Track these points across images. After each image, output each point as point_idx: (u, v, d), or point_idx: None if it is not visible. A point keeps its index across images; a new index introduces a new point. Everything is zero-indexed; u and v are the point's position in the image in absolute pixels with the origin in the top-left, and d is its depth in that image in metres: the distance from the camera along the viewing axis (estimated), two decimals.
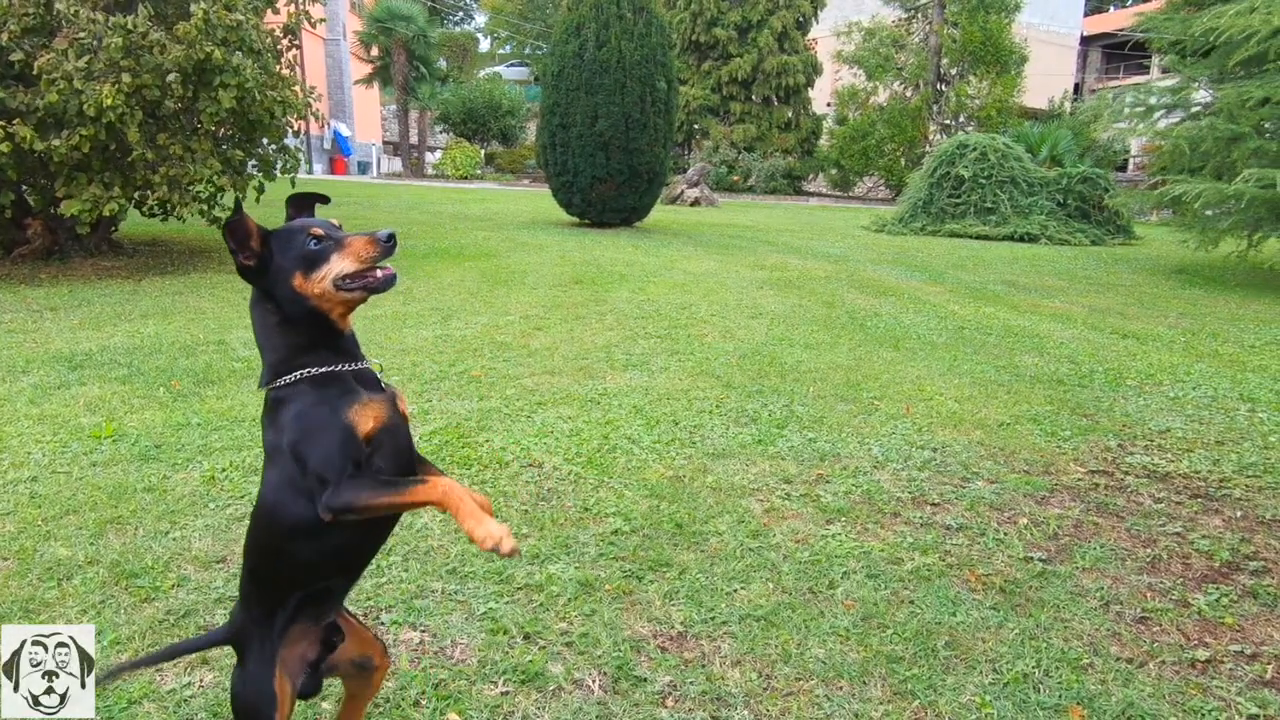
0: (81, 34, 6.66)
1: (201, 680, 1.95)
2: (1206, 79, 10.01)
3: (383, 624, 2.20)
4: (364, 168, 28.01)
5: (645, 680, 2.00)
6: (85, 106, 6.64)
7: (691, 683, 1.99)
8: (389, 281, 1.33)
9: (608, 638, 2.15)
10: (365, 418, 1.30)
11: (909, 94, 26.41)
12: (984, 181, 14.66)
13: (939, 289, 8.45)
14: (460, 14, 48.08)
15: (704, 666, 2.06)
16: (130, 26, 6.76)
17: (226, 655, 1.94)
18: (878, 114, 25.83)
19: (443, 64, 30.78)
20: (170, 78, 6.91)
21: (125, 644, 2.06)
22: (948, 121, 26.03)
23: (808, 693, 1.98)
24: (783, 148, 27.02)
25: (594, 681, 1.99)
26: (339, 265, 1.30)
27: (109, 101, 6.62)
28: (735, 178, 26.22)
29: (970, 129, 24.41)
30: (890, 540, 2.76)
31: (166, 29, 7.16)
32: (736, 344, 5.53)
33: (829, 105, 29.05)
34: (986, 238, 13.97)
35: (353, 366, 1.36)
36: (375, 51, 27.58)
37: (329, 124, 25.43)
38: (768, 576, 2.49)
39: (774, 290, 7.89)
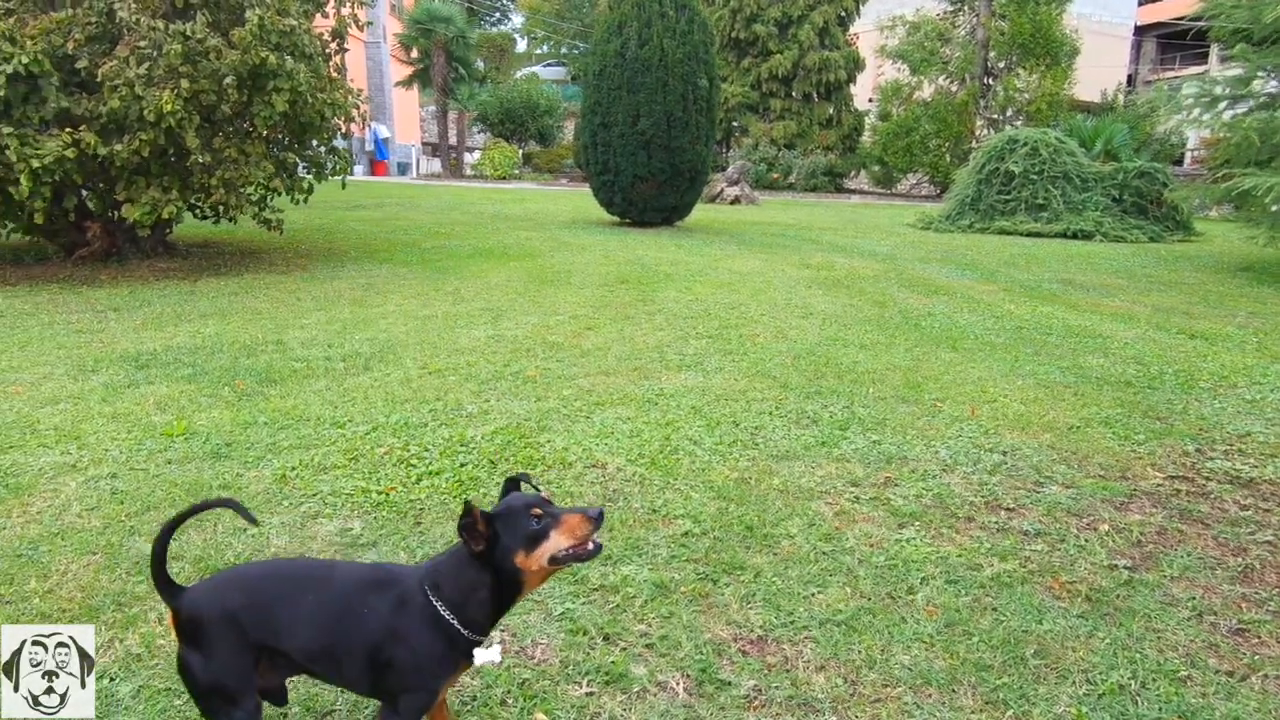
0: (142, 42, 6.86)
1: None
2: (1275, 68, 9.67)
3: None
4: (403, 168, 28.44)
5: (730, 684, 1.99)
6: (145, 112, 6.85)
7: (777, 687, 1.98)
8: (597, 552, 1.48)
9: (688, 640, 2.15)
10: (445, 689, 1.59)
11: (955, 88, 25.98)
12: (1035, 177, 14.35)
13: (992, 288, 8.30)
14: (497, 14, 48.55)
15: (788, 671, 2.05)
16: (189, 33, 6.96)
17: None
18: (922, 109, 25.44)
19: (480, 65, 31.10)
20: (227, 82, 7.09)
21: None
22: (995, 116, 25.55)
23: (895, 699, 1.96)
24: (824, 144, 26.78)
25: (678, 684, 1.99)
26: (556, 542, 1.45)
27: (168, 107, 6.82)
28: (775, 175, 26.05)
29: (1019, 123, 23.93)
30: (967, 545, 2.72)
31: (222, 35, 7.36)
32: (790, 344, 5.49)
33: (871, 101, 28.73)
34: (1038, 235, 13.68)
35: (475, 637, 1.54)
36: (415, 53, 28.00)
37: (370, 126, 25.86)
38: (844, 580, 2.47)
39: (822, 289, 7.83)
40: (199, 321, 5.82)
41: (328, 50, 8.79)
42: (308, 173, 8.96)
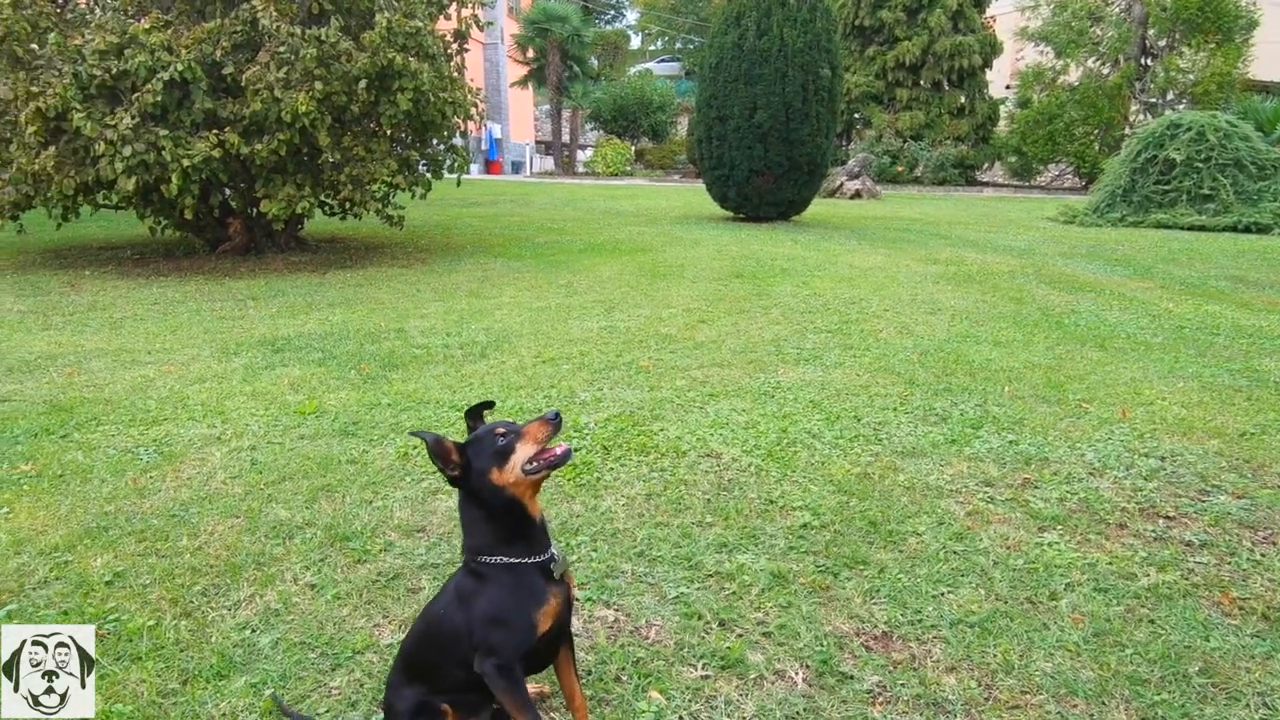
0: (281, 47, 7.43)
1: None
2: None
3: (577, 600, 2.28)
4: (517, 167, 29.43)
5: (852, 678, 1.95)
6: (283, 113, 7.41)
7: (903, 685, 1.92)
8: (565, 457, 1.57)
9: (807, 631, 2.12)
10: (546, 619, 1.58)
11: (1106, 71, 24.30)
12: (1200, 165, 13.21)
13: (1147, 285, 7.71)
14: (612, 12, 49.40)
15: (915, 670, 1.98)
16: (323, 38, 7.48)
17: None
18: (1067, 95, 23.94)
19: (594, 63, 31.74)
20: (360, 84, 7.56)
21: (345, 599, 2.27)
22: (1153, 100, 23.71)
23: (1036, 707, 1.85)
24: (954, 135, 25.65)
25: (797, 674, 1.97)
26: (524, 452, 1.55)
27: (303, 108, 7.35)
28: (900, 168, 25.17)
29: (1182, 107, 22.08)
30: (1118, 553, 2.54)
31: (353, 39, 7.86)
32: (916, 340, 5.30)
33: (1008, 88, 27.30)
34: (1202, 228, 12.59)
35: (539, 558, 1.61)
36: (530, 53, 28.90)
37: (486, 125, 26.90)
38: (978, 582, 2.36)
39: (951, 285, 7.51)
40: (327, 310, 6.23)
41: (449, 50, 9.22)
42: (427, 170, 9.44)
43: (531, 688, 1.88)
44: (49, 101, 6.94)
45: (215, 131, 7.50)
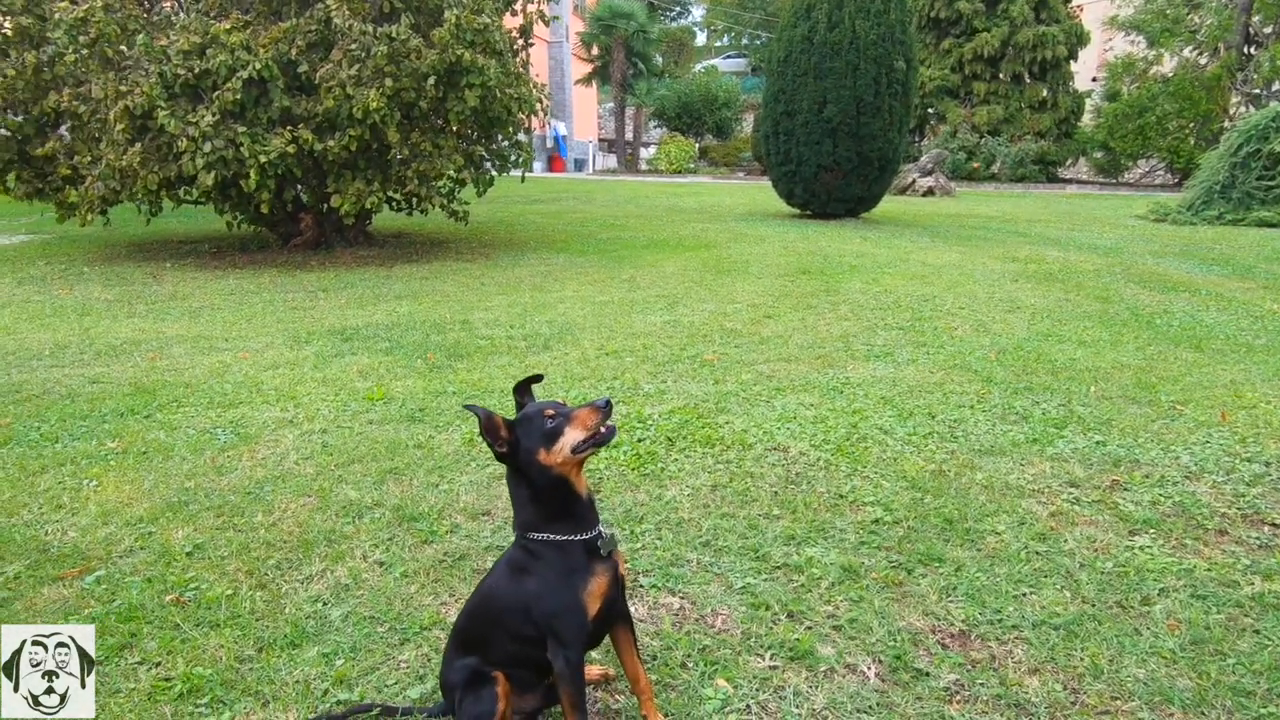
0: (353, 45, 7.66)
1: None
2: None
3: (641, 587, 2.28)
4: (580, 165, 29.70)
5: (927, 674, 1.90)
6: (354, 110, 7.64)
7: (982, 684, 1.86)
8: (611, 434, 1.60)
9: (880, 626, 2.08)
10: (595, 600, 1.61)
11: (1204, 60, 23.17)
12: None
13: (1248, 285, 7.32)
14: (677, 9, 49.44)
15: (995, 670, 1.92)
16: (394, 35, 7.68)
17: None
18: (1160, 86, 22.89)
19: (659, 60, 31.79)
20: (429, 81, 7.74)
21: (413, 578, 2.33)
22: (1256, 91, 22.45)
23: (1128, 714, 1.77)
24: (1035, 130, 24.79)
25: (869, 668, 1.93)
26: (572, 436, 1.58)
27: (374, 104, 7.57)
28: (975, 165, 24.46)
29: None
30: (1219, 560, 2.41)
31: (423, 36, 8.05)
32: (993, 338, 5.15)
33: (1095, 80, 26.29)
34: None
35: (586, 536, 1.63)
36: (595, 50, 29.14)
37: (550, 123, 27.24)
38: (1062, 584, 2.28)
39: (1031, 283, 7.26)
40: (394, 302, 6.40)
41: (515, 46, 9.36)
42: (492, 166, 9.61)
43: (596, 670, 1.89)
44: (136, 100, 7.31)
45: (289, 128, 7.78)
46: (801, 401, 3.86)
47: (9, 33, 8.12)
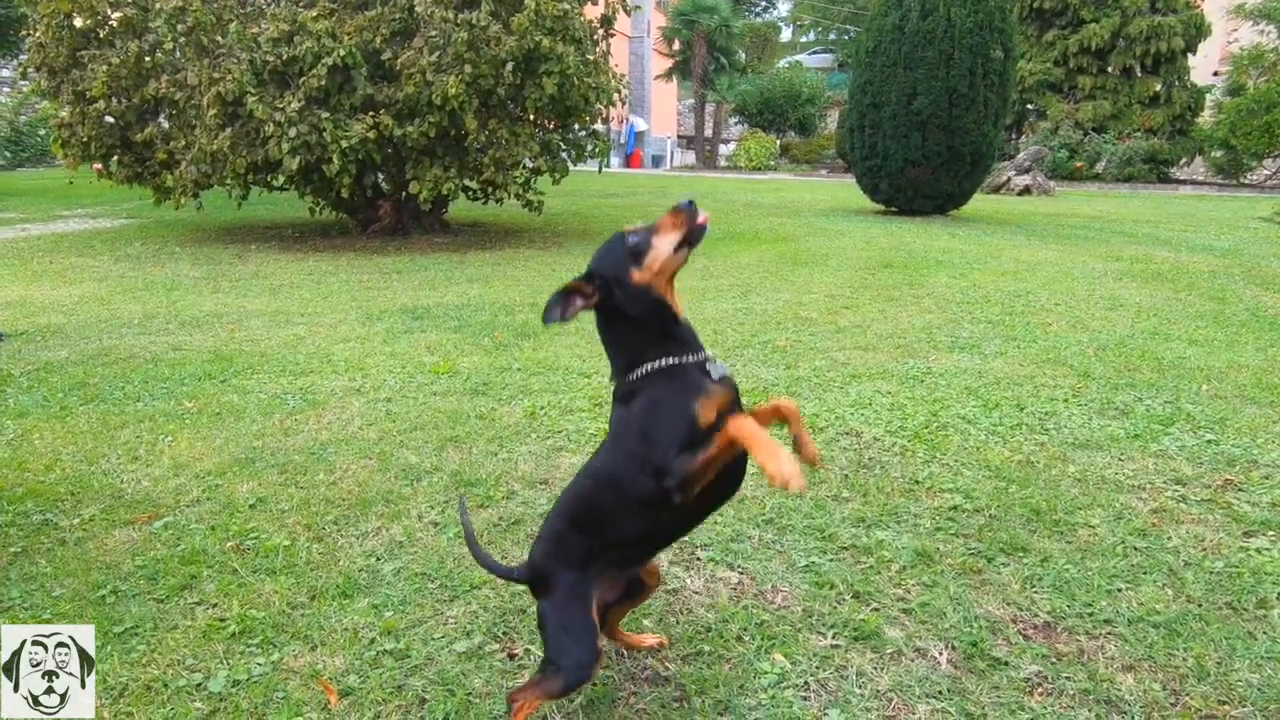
0: (434, 32, 7.84)
1: None
2: None
3: (699, 559, 2.22)
4: (657, 161, 29.73)
5: (1005, 664, 1.78)
6: (434, 96, 7.81)
7: (1068, 678, 1.73)
8: (704, 227, 1.48)
9: (954, 612, 1.96)
10: (709, 408, 1.44)
11: None
12: None
13: None
14: (763, 3, 49.04)
15: (1084, 664, 1.78)
16: (474, 21, 7.82)
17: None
18: None
19: (741, 55, 31.57)
20: (507, 67, 7.85)
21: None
22: None
23: (1236, 719, 1.62)
24: (1146, 126, 23.49)
25: (940, 654, 1.82)
26: (663, 242, 1.47)
27: (453, 91, 7.72)
28: (1078, 164, 23.33)
29: None
30: None
31: (502, 23, 8.17)
32: (1092, 335, 4.87)
33: (1216, 74, 24.78)
34: None
35: (695, 358, 1.50)
36: (676, 45, 29.15)
37: (628, 118, 27.38)
38: (1164, 581, 2.11)
39: (1136, 282, 6.86)
40: (465, 285, 6.50)
41: (595, 36, 9.41)
42: (568, 156, 9.68)
43: (651, 638, 1.84)
44: (228, 86, 7.65)
45: (371, 114, 8.01)
46: (878, 389, 3.72)
47: (115, 24, 8.63)
